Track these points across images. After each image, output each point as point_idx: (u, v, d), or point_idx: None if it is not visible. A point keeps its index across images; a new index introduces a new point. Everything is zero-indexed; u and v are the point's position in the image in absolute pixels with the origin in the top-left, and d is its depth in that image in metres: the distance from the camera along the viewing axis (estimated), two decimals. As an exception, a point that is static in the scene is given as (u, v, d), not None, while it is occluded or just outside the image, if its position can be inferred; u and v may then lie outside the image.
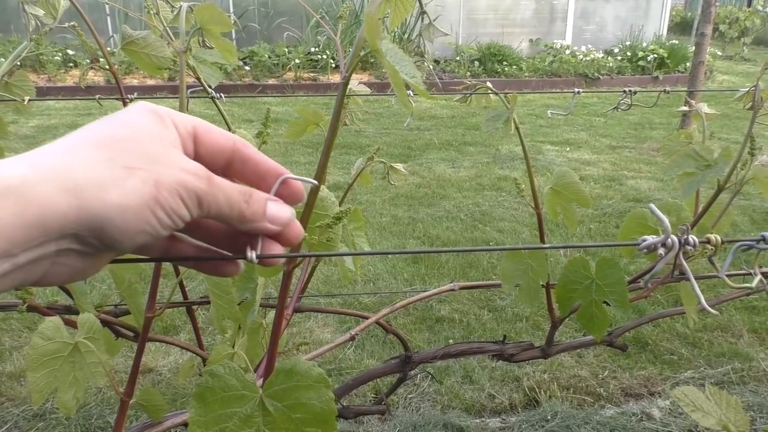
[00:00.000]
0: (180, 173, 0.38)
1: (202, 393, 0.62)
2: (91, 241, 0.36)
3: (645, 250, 0.50)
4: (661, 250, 0.50)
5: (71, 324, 1.00)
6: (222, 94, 1.20)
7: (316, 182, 0.49)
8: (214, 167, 0.43)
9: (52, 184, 0.34)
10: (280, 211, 0.45)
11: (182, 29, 0.95)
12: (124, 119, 0.39)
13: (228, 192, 0.41)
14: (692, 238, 0.50)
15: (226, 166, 0.45)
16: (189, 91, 1.27)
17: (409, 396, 2.07)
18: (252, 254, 0.55)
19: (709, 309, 0.53)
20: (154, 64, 1.19)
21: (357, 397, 2.02)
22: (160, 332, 2.41)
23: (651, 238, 0.50)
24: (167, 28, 1.05)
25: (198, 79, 1.16)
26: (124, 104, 1.20)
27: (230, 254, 0.50)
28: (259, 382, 1.10)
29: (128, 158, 0.37)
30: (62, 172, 0.35)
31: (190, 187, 0.38)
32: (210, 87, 1.15)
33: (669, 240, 0.49)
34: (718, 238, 0.55)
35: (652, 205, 0.52)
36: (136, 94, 1.21)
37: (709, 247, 0.55)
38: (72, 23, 1.22)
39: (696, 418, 0.53)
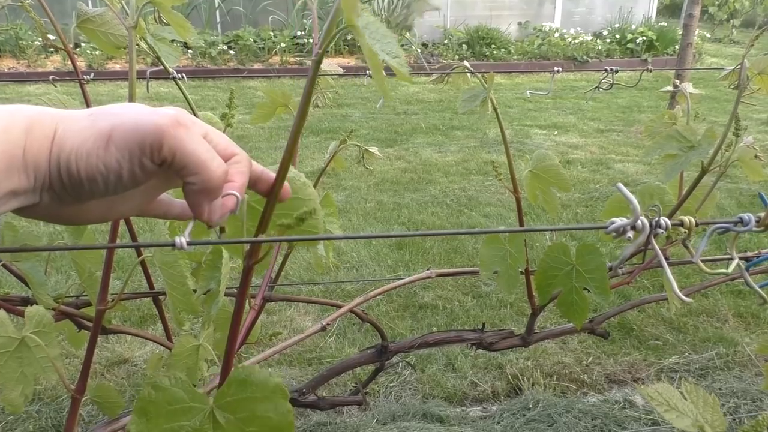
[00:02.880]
0: (143, 119, 0.40)
1: (143, 407, 0.55)
2: (61, 186, 0.40)
3: (613, 234, 0.46)
4: (631, 233, 0.45)
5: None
6: (183, 75, 1.14)
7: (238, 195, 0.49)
8: None
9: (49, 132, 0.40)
10: (225, 205, 0.46)
11: (132, 3, 0.89)
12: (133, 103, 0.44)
13: (200, 146, 0.42)
14: (664, 220, 0.46)
15: None
16: (149, 72, 1.22)
17: (390, 385, 2.04)
18: (180, 240, 0.51)
19: (683, 297, 0.49)
20: (112, 43, 1.13)
21: (337, 386, 1.98)
22: (137, 322, 2.36)
23: (619, 221, 0.46)
24: (125, 5, 0.99)
25: (157, 58, 1.10)
26: (81, 86, 1.14)
27: (166, 241, 0.51)
28: (211, 387, 1.04)
29: (102, 114, 0.41)
30: (52, 124, 0.40)
31: (149, 130, 0.39)
32: (170, 66, 1.10)
33: (639, 222, 0.45)
34: (692, 220, 0.51)
35: (620, 185, 0.47)
36: (93, 75, 1.15)
37: (682, 230, 0.51)
38: (28, 0, 1.16)
39: (670, 418, 0.49)
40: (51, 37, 1.10)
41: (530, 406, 1.84)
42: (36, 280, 1.16)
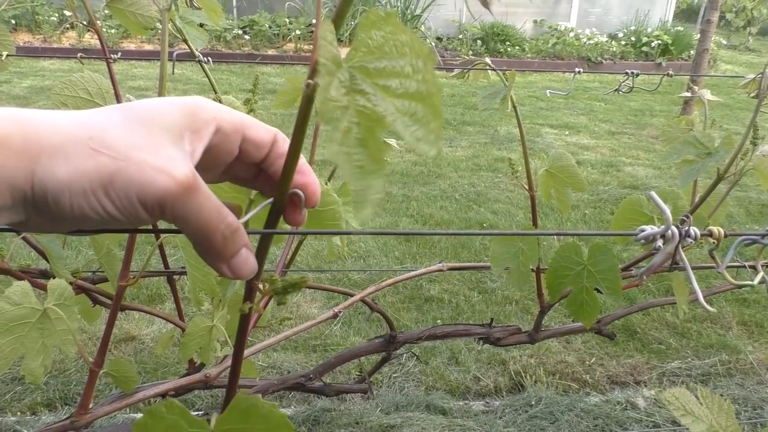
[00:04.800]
0: (149, 172, 0.34)
1: None
2: (48, 211, 0.35)
3: (642, 241, 0.47)
4: (660, 242, 0.46)
5: (45, 288, 0.96)
6: (209, 58, 1.15)
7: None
8: (255, 160, 0.43)
9: (20, 146, 0.33)
10: (247, 262, 0.41)
11: (166, -14, 0.90)
12: (144, 105, 0.37)
13: (205, 216, 0.37)
14: (693, 230, 0.47)
15: (264, 160, 0.44)
16: (176, 54, 1.23)
17: (394, 375, 2.05)
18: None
19: (707, 306, 0.50)
20: (140, 24, 1.14)
21: (341, 374, 2.00)
22: (145, 300, 2.38)
23: (649, 228, 0.47)
24: (154, -14, 1.00)
25: (185, 41, 1.11)
26: (108, 65, 1.16)
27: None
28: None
29: (103, 141, 0.34)
30: (36, 137, 0.34)
31: (152, 190, 0.34)
32: (196, 50, 1.11)
33: (669, 231, 0.46)
34: (721, 231, 0.52)
35: (653, 193, 0.48)
36: (119, 54, 1.16)
37: (711, 240, 0.52)
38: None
39: (686, 423, 0.50)
40: (67, 13, 1.11)
41: (533, 402, 1.85)
42: (55, 253, 1.18)
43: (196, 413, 1.43)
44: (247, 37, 7.89)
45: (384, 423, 1.71)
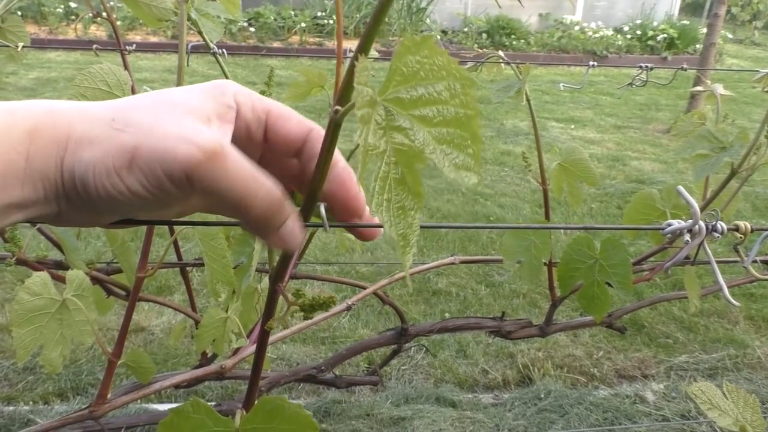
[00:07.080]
0: (171, 142, 0.33)
1: None
2: (78, 198, 0.34)
3: (669, 235, 0.47)
4: (687, 236, 0.46)
5: (61, 279, 0.97)
6: (224, 50, 1.15)
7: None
8: (285, 155, 0.40)
9: (53, 134, 0.34)
10: (293, 233, 0.38)
11: (185, -22, 0.90)
12: (171, 90, 0.37)
13: (238, 184, 0.35)
14: (720, 224, 0.47)
15: (298, 156, 0.40)
16: (190, 46, 1.23)
17: (403, 368, 2.06)
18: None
19: (732, 301, 0.50)
20: (155, 16, 1.14)
21: (350, 366, 2.01)
22: (155, 292, 2.39)
23: (677, 223, 0.47)
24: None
25: (199, 33, 1.11)
26: (123, 57, 1.16)
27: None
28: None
29: (127, 121, 0.34)
30: (65, 125, 0.34)
31: (176, 159, 0.33)
32: (211, 42, 1.11)
33: (696, 226, 0.46)
34: (748, 226, 0.52)
35: (680, 188, 0.48)
36: (135, 45, 1.16)
37: (738, 234, 0.52)
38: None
39: (712, 416, 0.50)
40: (73, 5, 1.11)
41: (542, 395, 1.86)
42: (69, 245, 1.19)
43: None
44: (252, 29, 7.87)
45: (395, 415, 1.72)
